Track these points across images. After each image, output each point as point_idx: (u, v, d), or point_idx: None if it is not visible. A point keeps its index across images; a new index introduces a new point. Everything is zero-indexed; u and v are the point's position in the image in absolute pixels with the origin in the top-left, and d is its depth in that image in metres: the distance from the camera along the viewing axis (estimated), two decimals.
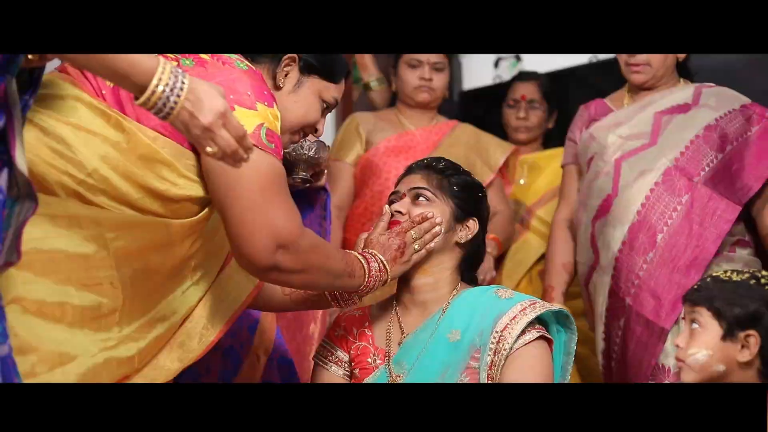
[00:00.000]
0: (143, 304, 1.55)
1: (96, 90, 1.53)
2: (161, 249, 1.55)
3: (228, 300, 1.73)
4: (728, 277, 1.62)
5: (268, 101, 1.55)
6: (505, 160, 3.10)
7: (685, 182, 2.34)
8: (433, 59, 3.00)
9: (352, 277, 1.67)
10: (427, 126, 3.07)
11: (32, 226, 1.37)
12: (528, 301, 1.78)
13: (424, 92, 3.02)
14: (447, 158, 1.99)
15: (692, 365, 1.59)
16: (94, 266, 1.46)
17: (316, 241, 1.57)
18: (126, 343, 1.52)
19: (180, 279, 1.63)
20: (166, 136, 1.52)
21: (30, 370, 1.36)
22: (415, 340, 1.83)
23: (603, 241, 2.44)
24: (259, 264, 1.49)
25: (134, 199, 1.50)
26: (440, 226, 1.83)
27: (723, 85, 2.54)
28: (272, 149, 1.51)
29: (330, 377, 1.91)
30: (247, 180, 1.47)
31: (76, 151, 1.45)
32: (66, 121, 1.47)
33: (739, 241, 2.37)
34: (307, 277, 1.57)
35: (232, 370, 2.03)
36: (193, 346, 1.66)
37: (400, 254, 1.78)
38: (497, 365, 1.72)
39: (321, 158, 2.07)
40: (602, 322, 2.43)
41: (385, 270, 1.74)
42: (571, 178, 2.70)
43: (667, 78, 2.53)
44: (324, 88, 1.81)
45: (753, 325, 1.56)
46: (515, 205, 3.18)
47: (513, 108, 3.31)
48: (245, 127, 1.42)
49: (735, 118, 2.37)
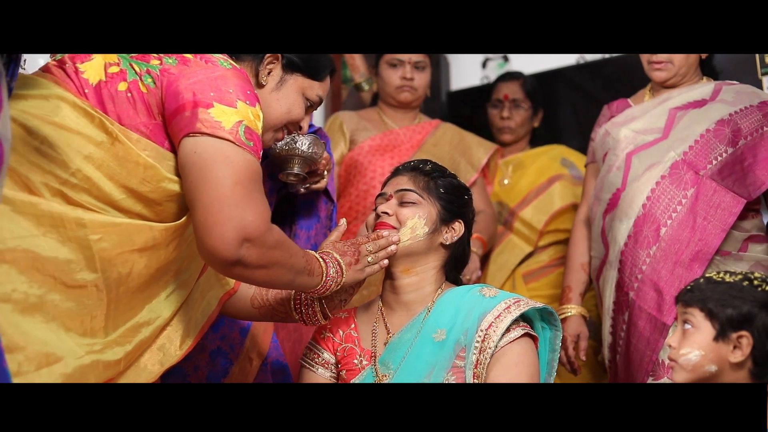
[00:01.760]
0: (128, 309, 1.55)
1: (79, 89, 1.52)
2: (145, 253, 1.54)
3: (203, 305, 1.74)
4: (721, 279, 1.62)
5: (250, 100, 1.54)
6: (488, 160, 3.09)
7: (692, 175, 2.31)
8: (415, 58, 2.98)
9: (311, 275, 1.66)
10: (410, 125, 3.05)
11: (15, 224, 1.37)
12: (512, 299, 1.78)
13: (405, 92, 2.99)
14: (433, 161, 1.99)
15: (684, 365, 1.59)
16: (78, 267, 1.44)
17: (281, 238, 1.55)
18: (112, 347, 1.51)
19: (164, 283, 1.62)
20: (148, 137, 1.52)
21: (17, 369, 1.35)
22: (400, 340, 1.83)
23: (612, 235, 2.43)
24: (223, 257, 1.45)
25: (117, 199, 1.50)
26: (395, 246, 1.83)
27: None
28: (250, 147, 1.50)
29: (317, 379, 1.91)
30: (221, 174, 1.45)
31: (59, 151, 1.45)
32: (50, 121, 1.46)
33: (753, 236, 2.32)
34: (270, 273, 1.54)
35: (222, 372, 2.02)
36: (173, 351, 1.66)
37: (355, 261, 1.77)
38: (483, 363, 1.72)
39: (315, 154, 2.05)
40: (609, 316, 2.42)
41: (341, 271, 1.72)
42: (591, 177, 2.68)
43: (690, 76, 2.50)
44: (308, 86, 1.81)
45: (745, 326, 1.56)
46: (499, 207, 3.17)
47: (497, 108, 3.31)
48: (223, 123, 1.45)
49: (752, 113, 2.32)
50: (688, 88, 2.48)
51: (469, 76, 4.04)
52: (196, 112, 1.48)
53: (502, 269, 3.05)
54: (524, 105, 3.28)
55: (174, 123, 1.51)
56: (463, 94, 4.00)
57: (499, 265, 3.06)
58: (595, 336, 2.67)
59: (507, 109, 3.27)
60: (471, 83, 4.03)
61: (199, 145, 1.47)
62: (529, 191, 3.14)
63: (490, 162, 3.11)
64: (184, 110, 1.49)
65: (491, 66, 4.01)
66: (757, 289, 1.57)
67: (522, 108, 3.28)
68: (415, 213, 1.85)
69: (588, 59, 3.70)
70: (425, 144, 2.99)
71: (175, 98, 1.51)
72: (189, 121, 1.48)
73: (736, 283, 1.59)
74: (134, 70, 1.55)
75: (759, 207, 2.35)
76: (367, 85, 3.18)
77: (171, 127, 1.52)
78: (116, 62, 1.56)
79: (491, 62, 4.01)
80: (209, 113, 1.48)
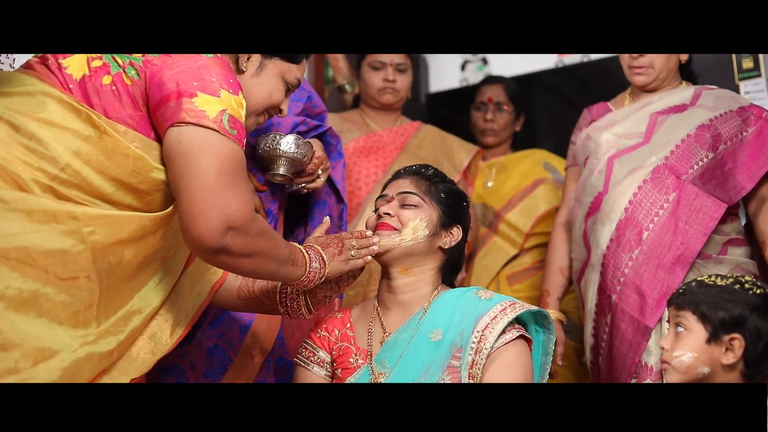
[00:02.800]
0: (119, 298, 1.56)
1: (63, 85, 1.52)
2: (134, 242, 1.55)
3: (193, 294, 1.75)
4: (713, 282, 1.65)
5: (233, 89, 1.56)
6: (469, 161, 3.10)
7: (674, 180, 2.33)
8: (396, 60, 2.98)
9: (295, 266, 1.67)
10: (392, 127, 3.05)
11: (8, 222, 1.38)
12: (508, 301, 1.80)
13: (388, 94, 3.00)
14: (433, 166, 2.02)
15: (677, 367, 1.62)
16: (71, 260, 1.45)
17: (265, 228, 1.56)
18: (105, 337, 1.52)
19: (152, 271, 1.64)
20: (135, 129, 1.53)
21: (13, 366, 1.35)
22: (396, 339, 1.85)
23: (594, 238, 2.45)
24: (208, 245, 1.46)
25: (107, 192, 1.51)
26: (377, 246, 1.85)
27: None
28: (234, 135, 1.52)
29: (312, 377, 1.92)
30: (206, 163, 1.46)
31: (48, 147, 1.45)
32: (36, 117, 1.46)
33: (733, 240, 2.35)
34: (254, 261, 1.55)
35: (220, 368, 2.03)
36: (164, 339, 1.67)
37: (338, 253, 1.79)
38: (478, 364, 1.73)
39: (298, 154, 2.06)
40: (591, 319, 2.44)
41: (323, 263, 1.74)
42: (572, 181, 2.70)
43: (670, 80, 2.53)
44: (287, 70, 1.83)
45: (737, 329, 1.59)
46: (483, 209, 3.19)
47: (480, 110, 3.34)
48: (207, 113, 1.47)
49: (731, 118, 2.35)
50: (668, 93, 2.50)
51: (449, 78, 4.07)
52: (181, 102, 1.50)
53: (486, 271, 3.07)
54: (507, 108, 3.31)
55: (159, 113, 1.52)
56: (442, 96, 4.03)
57: (483, 266, 3.08)
58: (577, 337, 2.69)
59: (491, 112, 3.30)
60: (450, 85, 4.05)
61: (184, 134, 1.49)
62: (514, 194, 3.16)
63: (471, 164, 3.13)
64: (168, 101, 1.51)
65: (470, 68, 4.03)
66: (748, 292, 1.61)
67: (505, 111, 3.31)
68: (417, 215, 1.88)
69: (566, 62, 3.74)
70: (408, 146, 3.00)
71: (159, 89, 1.52)
72: (174, 111, 1.50)
73: (728, 287, 1.63)
74: (117, 62, 1.56)
75: (737, 211, 2.39)
76: (350, 87, 3.19)
77: (156, 118, 1.54)
78: (99, 56, 1.57)
79: (470, 64, 4.04)
80: (193, 102, 1.50)
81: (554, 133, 3.72)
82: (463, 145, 3.12)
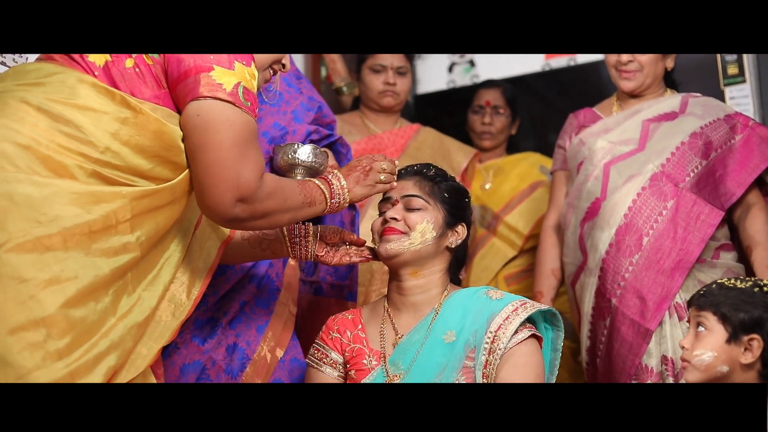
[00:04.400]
0: (148, 263, 1.62)
1: (89, 72, 1.56)
2: (166, 208, 1.62)
3: (203, 255, 1.81)
4: (733, 284, 1.71)
5: (246, 60, 1.61)
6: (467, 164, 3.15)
7: (671, 187, 2.40)
8: (397, 63, 3.05)
9: (313, 205, 1.76)
10: (392, 129, 3.11)
11: (62, 207, 1.43)
12: (519, 301, 1.84)
13: (388, 96, 3.07)
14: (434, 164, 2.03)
15: (698, 366, 1.68)
16: (118, 234, 1.51)
17: (273, 187, 1.64)
18: (139, 305, 1.58)
19: (172, 236, 1.69)
20: (161, 105, 1.58)
21: (43, 339, 1.40)
22: (409, 340, 1.87)
23: (591, 242, 2.49)
24: (220, 215, 1.58)
25: (146, 169, 1.56)
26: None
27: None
28: (248, 107, 1.58)
29: (324, 378, 1.93)
30: (222, 137, 1.54)
31: (86, 132, 1.49)
32: (72, 104, 1.50)
33: (723, 245, 2.42)
34: (269, 220, 1.66)
35: (239, 366, 2.05)
36: (183, 300, 1.72)
37: (364, 176, 1.86)
38: (492, 364, 1.76)
39: (316, 162, 2.09)
40: (588, 321, 2.49)
41: (344, 189, 1.82)
42: (560, 184, 2.75)
43: (655, 87, 2.59)
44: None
45: (756, 330, 1.66)
46: (482, 211, 3.24)
47: (478, 114, 3.41)
48: (224, 86, 1.54)
49: (720, 126, 2.43)
50: (656, 101, 2.57)
51: (436, 80, 4.11)
52: (199, 77, 1.55)
53: (485, 271, 3.13)
54: (504, 112, 3.38)
55: (179, 89, 1.58)
56: (429, 98, 4.07)
57: (482, 267, 3.14)
58: (572, 337, 2.75)
59: (488, 115, 3.37)
60: (437, 87, 4.09)
61: (203, 108, 1.55)
62: (513, 196, 3.23)
63: (469, 166, 3.18)
64: (187, 76, 1.56)
65: (457, 71, 4.08)
66: (767, 295, 1.68)
67: (502, 115, 3.38)
68: (423, 218, 1.89)
69: (553, 66, 3.80)
70: (408, 148, 3.05)
71: (178, 65, 1.57)
72: (193, 86, 1.55)
73: (747, 289, 1.69)
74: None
75: (725, 216, 2.44)
76: (348, 90, 3.21)
77: (176, 93, 1.59)
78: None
79: (457, 66, 4.08)
80: (210, 76, 1.55)
81: (534, 134, 3.79)
82: (461, 148, 3.19)
